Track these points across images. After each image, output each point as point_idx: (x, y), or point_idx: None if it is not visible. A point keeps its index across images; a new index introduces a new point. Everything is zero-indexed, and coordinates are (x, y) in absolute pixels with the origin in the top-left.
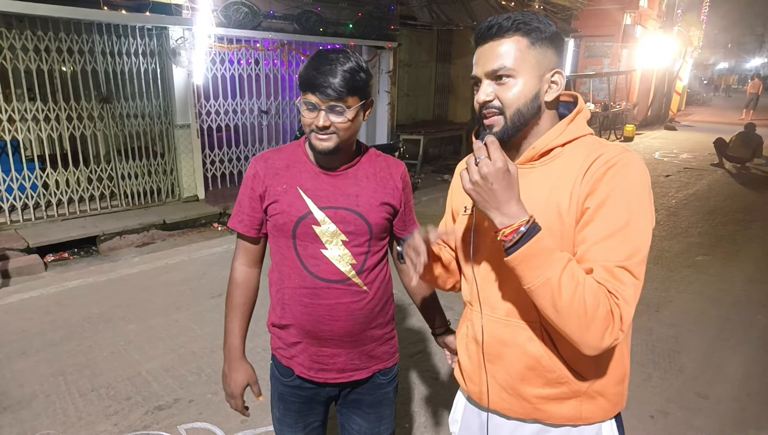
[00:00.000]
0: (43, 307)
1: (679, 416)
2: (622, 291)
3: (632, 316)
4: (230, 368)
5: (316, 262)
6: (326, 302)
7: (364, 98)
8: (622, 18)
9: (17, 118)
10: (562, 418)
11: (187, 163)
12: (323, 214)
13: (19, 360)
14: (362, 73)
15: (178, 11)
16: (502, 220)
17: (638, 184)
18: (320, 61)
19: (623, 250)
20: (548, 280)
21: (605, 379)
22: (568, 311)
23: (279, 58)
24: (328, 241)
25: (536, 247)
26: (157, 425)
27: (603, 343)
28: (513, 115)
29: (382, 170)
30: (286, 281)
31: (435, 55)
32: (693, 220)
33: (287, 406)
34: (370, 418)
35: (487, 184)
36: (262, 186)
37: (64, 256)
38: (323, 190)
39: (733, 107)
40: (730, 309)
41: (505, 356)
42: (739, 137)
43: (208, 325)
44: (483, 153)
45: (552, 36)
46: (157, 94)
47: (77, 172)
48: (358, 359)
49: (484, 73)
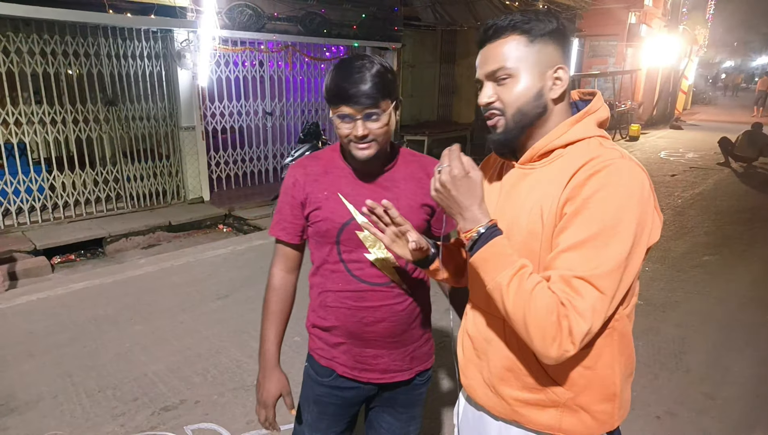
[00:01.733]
0: (49, 308)
1: (687, 417)
2: (577, 302)
3: (586, 330)
4: (264, 377)
5: (360, 266)
6: (371, 305)
7: (395, 98)
8: (627, 17)
9: (24, 121)
10: (540, 425)
11: (192, 165)
12: (365, 220)
13: (26, 361)
14: (389, 74)
15: (183, 14)
16: (464, 224)
17: (622, 194)
18: (347, 71)
19: (588, 261)
20: (498, 284)
21: (588, 394)
22: (514, 316)
23: (283, 60)
24: (371, 245)
25: (489, 251)
26: (163, 426)
27: (549, 352)
28: (514, 114)
29: (418, 171)
30: (330, 284)
31: (439, 55)
32: (699, 219)
33: (323, 409)
34: (402, 417)
35: (446, 190)
36: (302, 193)
37: (70, 258)
38: (363, 196)
39: (740, 106)
40: (737, 309)
41: (489, 353)
42: (746, 136)
43: (214, 327)
44: (446, 161)
45: (553, 31)
46: (162, 96)
47: (83, 175)
48: (401, 360)
49: (484, 75)
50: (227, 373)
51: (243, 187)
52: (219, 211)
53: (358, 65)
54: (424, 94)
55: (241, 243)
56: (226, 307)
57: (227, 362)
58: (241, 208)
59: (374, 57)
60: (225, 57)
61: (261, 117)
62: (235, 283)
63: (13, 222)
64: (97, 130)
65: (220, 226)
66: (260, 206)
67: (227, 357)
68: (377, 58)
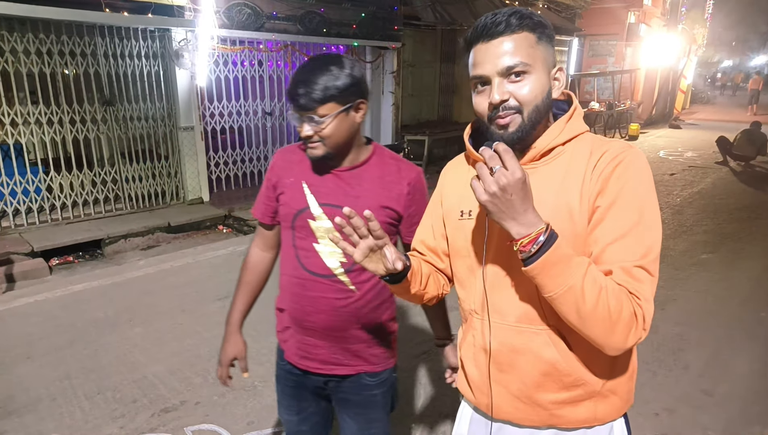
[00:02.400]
0: (48, 310)
1: (685, 414)
2: (642, 290)
3: (653, 313)
4: (225, 340)
5: (308, 255)
6: (311, 294)
7: (346, 103)
8: (627, 16)
9: (20, 122)
10: (577, 421)
11: (191, 166)
12: (320, 210)
13: (24, 364)
14: (339, 80)
15: (181, 13)
16: (519, 231)
17: (646, 180)
18: (298, 73)
19: (638, 249)
20: (571, 287)
21: (617, 377)
22: (592, 316)
23: (282, 60)
24: (321, 236)
25: (556, 255)
26: (163, 427)
27: (627, 344)
28: (531, 112)
29: (391, 174)
30: (284, 268)
31: (439, 55)
32: (698, 218)
33: (282, 388)
34: (359, 419)
35: (506, 195)
36: (275, 176)
37: (69, 260)
38: (326, 188)
39: (739, 105)
40: (735, 307)
41: (518, 364)
42: (744, 135)
43: (214, 328)
44: (497, 162)
45: (551, 33)
46: (161, 96)
47: (81, 176)
48: (341, 354)
49: (496, 72)
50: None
51: (242, 188)
52: (218, 212)
53: (311, 67)
54: (425, 94)
55: (240, 244)
56: (225, 308)
57: None
58: (241, 208)
59: (341, 58)
60: (224, 56)
61: (260, 117)
62: (234, 284)
63: (10, 223)
64: (94, 131)
65: (219, 226)
66: None
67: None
68: (344, 59)
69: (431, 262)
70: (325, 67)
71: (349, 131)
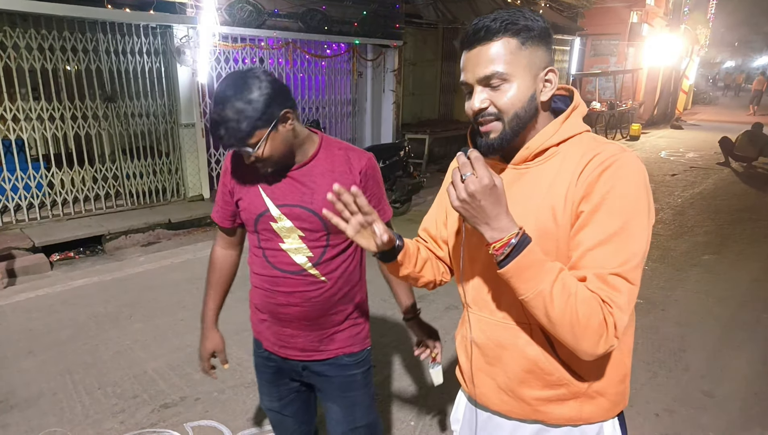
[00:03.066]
0: (49, 306)
1: (685, 415)
2: (616, 298)
3: (626, 322)
4: (202, 336)
5: (275, 254)
6: (284, 290)
7: (270, 122)
8: (629, 16)
9: (22, 118)
10: (562, 418)
11: (192, 162)
12: (279, 212)
13: (25, 359)
14: (254, 107)
15: (183, 10)
16: (492, 235)
17: (634, 186)
18: (213, 113)
19: (618, 256)
20: (540, 292)
21: (605, 379)
22: (560, 321)
23: (284, 57)
24: (285, 235)
25: (526, 260)
26: (163, 423)
27: (597, 350)
28: (511, 120)
29: (341, 165)
30: (254, 267)
31: (440, 53)
32: (699, 219)
33: (261, 375)
34: (343, 403)
35: (475, 201)
36: (230, 182)
37: (69, 256)
38: (280, 189)
39: (742, 106)
40: (736, 308)
41: (504, 359)
42: (746, 136)
43: None
44: (468, 169)
45: (541, 33)
46: (162, 93)
47: (82, 172)
48: (318, 341)
49: (476, 80)
50: (227, 370)
51: None
52: None
53: (222, 106)
54: (426, 93)
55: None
56: (225, 304)
57: (228, 359)
58: None
59: (246, 79)
60: (225, 54)
61: None
62: (235, 281)
63: (11, 219)
64: (96, 127)
65: None
66: None
67: (227, 354)
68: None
69: (432, 250)
70: (236, 99)
71: (285, 142)
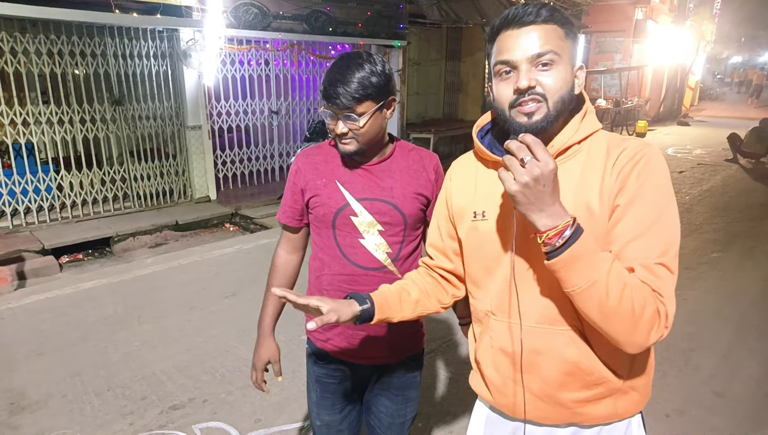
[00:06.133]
0: (58, 307)
1: (695, 415)
2: (664, 288)
3: (674, 311)
4: (258, 344)
5: (355, 251)
6: (364, 289)
7: (380, 100)
8: (634, 13)
9: (31, 121)
10: (598, 417)
11: (198, 164)
12: (360, 206)
13: (36, 360)
14: (373, 78)
15: (189, 13)
16: (546, 223)
17: (664, 178)
18: (333, 72)
19: (658, 246)
20: (595, 282)
21: (637, 372)
22: (615, 312)
23: (289, 59)
24: (365, 230)
25: (581, 248)
26: (172, 425)
27: (649, 341)
28: (557, 102)
29: (416, 163)
30: (326, 268)
31: (444, 53)
32: (707, 216)
33: (324, 388)
34: (397, 400)
35: (538, 186)
36: (303, 180)
37: (78, 258)
38: (359, 183)
39: (746, 101)
40: (746, 306)
41: (540, 365)
42: (754, 133)
43: (222, 325)
44: (526, 153)
45: (577, 32)
46: (169, 95)
47: (91, 174)
48: (390, 343)
49: (525, 58)
50: (235, 371)
51: (249, 186)
52: (225, 210)
53: (345, 66)
54: (430, 92)
55: (247, 242)
56: (233, 305)
57: (235, 361)
58: (248, 206)
59: (371, 56)
60: (231, 56)
61: (267, 116)
62: (242, 282)
63: (21, 222)
64: (103, 130)
65: (226, 225)
66: (267, 205)
67: (235, 355)
68: (374, 57)
69: (441, 266)
70: (360, 66)
71: (381, 128)
